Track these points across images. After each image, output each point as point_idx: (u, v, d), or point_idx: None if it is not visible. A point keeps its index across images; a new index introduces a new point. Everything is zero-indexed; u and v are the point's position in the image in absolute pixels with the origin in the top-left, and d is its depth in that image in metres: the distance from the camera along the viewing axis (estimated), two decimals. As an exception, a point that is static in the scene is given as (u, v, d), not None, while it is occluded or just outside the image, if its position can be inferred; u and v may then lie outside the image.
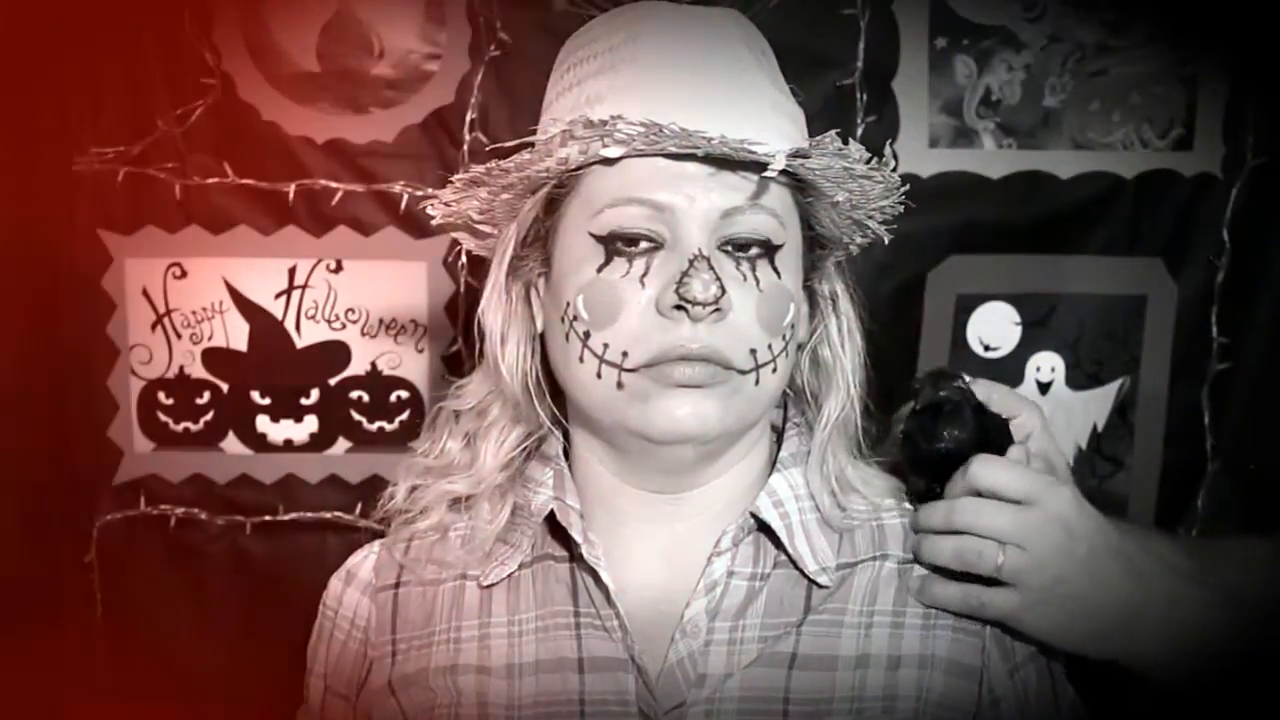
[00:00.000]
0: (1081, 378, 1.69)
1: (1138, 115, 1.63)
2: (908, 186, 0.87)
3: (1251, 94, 1.62)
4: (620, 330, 0.81)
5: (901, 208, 0.90)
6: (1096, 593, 0.82)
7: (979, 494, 0.85)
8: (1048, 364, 1.68)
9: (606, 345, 0.82)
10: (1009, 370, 1.67)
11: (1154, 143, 1.64)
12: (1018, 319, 1.67)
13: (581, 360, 0.83)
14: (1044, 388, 1.69)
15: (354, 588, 0.97)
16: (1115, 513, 0.95)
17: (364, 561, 0.98)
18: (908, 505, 0.93)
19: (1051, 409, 1.68)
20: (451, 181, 0.87)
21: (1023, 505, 0.83)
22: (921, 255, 1.63)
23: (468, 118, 1.58)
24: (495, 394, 0.94)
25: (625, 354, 0.81)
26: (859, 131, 1.59)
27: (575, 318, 0.83)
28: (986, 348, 1.66)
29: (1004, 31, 1.61)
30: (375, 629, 0.94)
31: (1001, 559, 0.82)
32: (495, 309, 0.91)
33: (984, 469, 0.84)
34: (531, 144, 0.82)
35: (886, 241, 0.95)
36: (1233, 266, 1.65)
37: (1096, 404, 1.70)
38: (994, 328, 1.67)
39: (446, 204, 0.90)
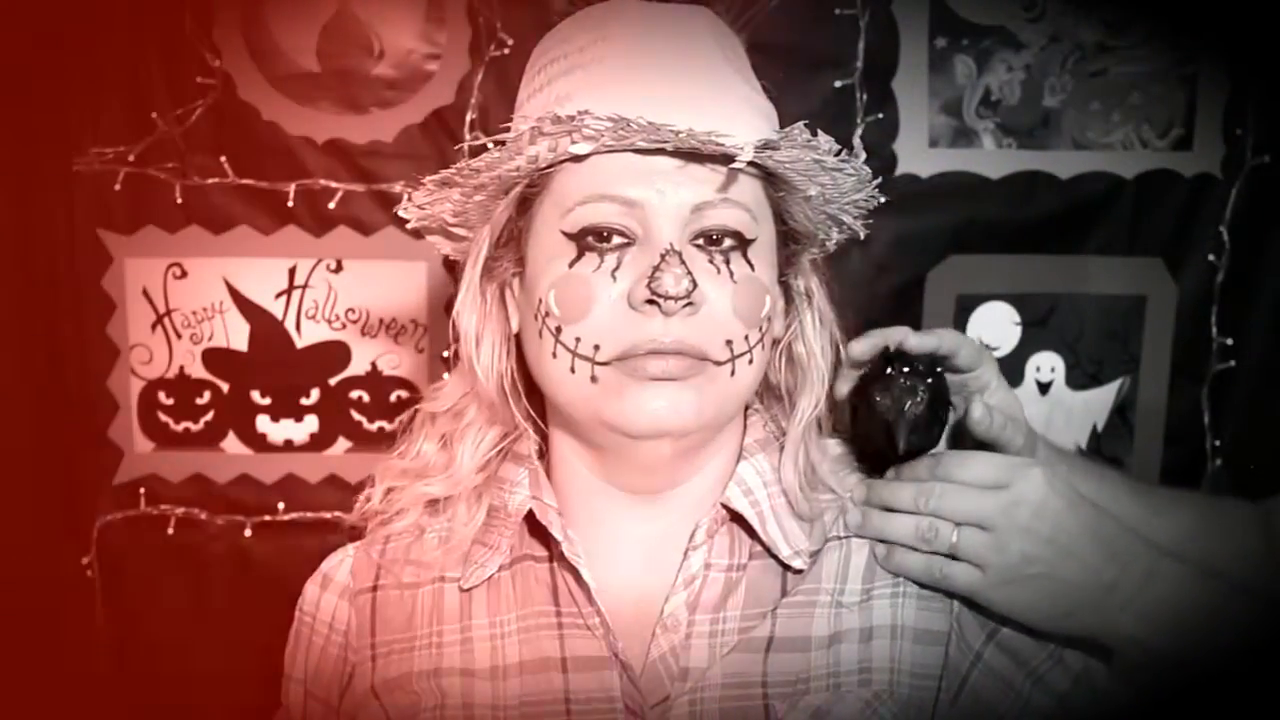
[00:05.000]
0: (1081, 378, 1.69)
1: (1138, 115, 1.63)
2: (880, 180, 0.88)
3: (1251, 94, 1.62)
4: (592, 324, 0.81)
5: (874, 202, 0.90)
6: (1066, 570, 0.82)
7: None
8: (1048, 364, 1.68)
9: (579, 339, 0.82)
10: (1009, 370, 1.66)
11: (1154, 143, 1.64)
12: (1018, 319, 1.67)
13: (555, 356, 0.83)
14: (1044, 388, 1.69)
15: (331, 591, 0.96)
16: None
17: (340, 565, 0.98)
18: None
19: (1051, 409, 1.69)
20: (423, 183, 0.87)
21: (989, 488, 0.84)
22: (921, 255, 1.63)
23: (468, 118, 1.58)
24: (471, 395, 0.94)
25: (597, 348, 0.81)
26: (859, 131, 1.60)
27: (547, 313, 0.83)
28: (986, 348, 1.66)
29: (1004, 31, 1.61)
30: (355, 633, 0.93)
31: (955, 538, 0.83)
32: (470, 310, 0.90)
33: (957, 466, 0.85)
34: (501, 143, 0.82)
35: (863, 236, 0.95)
36: (1233, 266, 1.65)
37: (1096, 404, 1.70)
38: (994, 328, 1.67)
39: (420, 206, 0.89)
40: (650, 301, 0.79)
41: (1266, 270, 1.66)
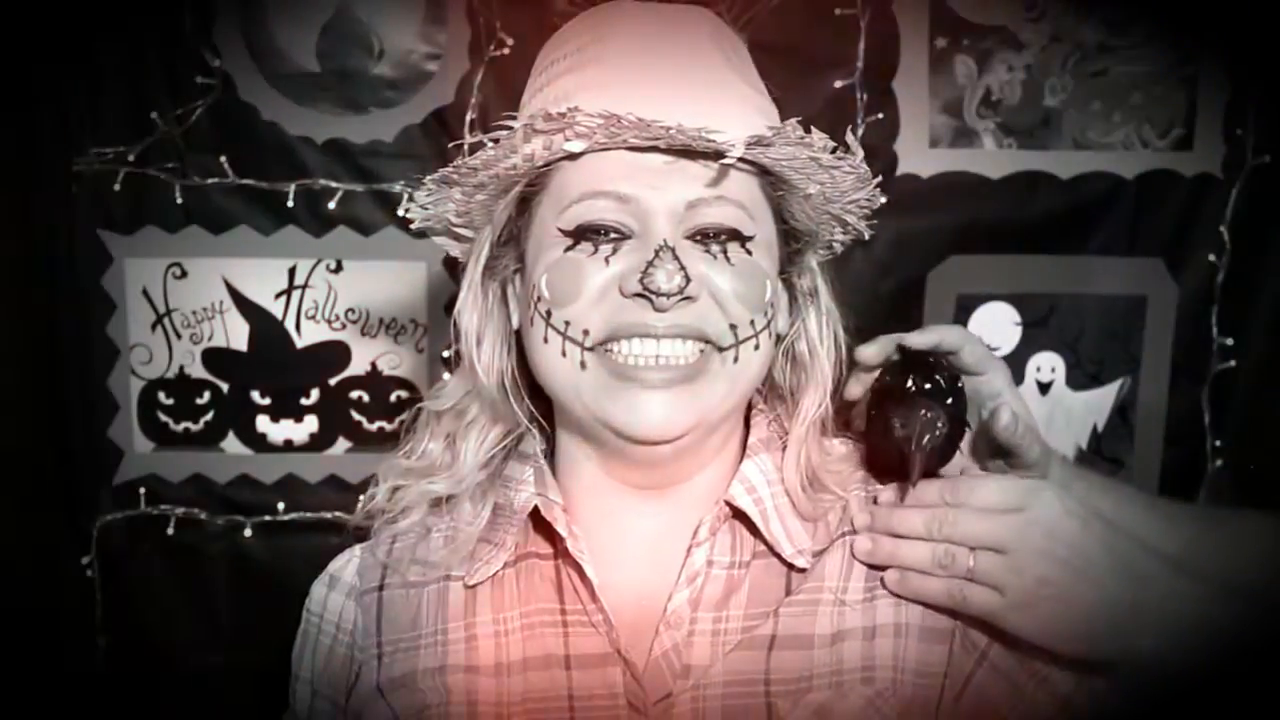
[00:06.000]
0: (1081, 378, 1.69)
1: (1138, 115, 1.64)
2: (880, 178, 0.87)
3: (1251, 94, 1.62)
4: (582, 308, 0.82)
5: (877, 202, 0.90)
6: (1085, 592, 0.81)
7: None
8: (1048, 364, 1.68)
9: (569, 323, 0.82)
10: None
11: (1154, 143, 1.64)
12: (1018, 319, 1.67)
13: (546, 340, 0.84)
14: (1044, 388, 1.69)
15: (338, 591, 0.96)
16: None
17: (346, 565, 0.98)
18: (875, 486, 0.92)
19: (1051, 409, 1.69)
20: (424, 183, 0.88)
21: (1002, 512, 0.83)
22: (921, 255, 1.63)
23: (468, 118, 1.58)
24: (473, 394, 0.94)
25: (586, 332, 0.82)
26: (859, 132, 1.60)
27: (539, 298, 0.84)
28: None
29: (1004, 31, 1.62)
30: (361, 632, 0.93)
31: (972, 562, 0.82)
32: (471, 308, 0.91)
33: (968, 492, 0.84)
34: (497, 140, 0.82)
35: (867, 236, 0.95)
36: (1233, 266, 1.65)
37: (1096, 404, 1.70)
38: (994, 328, 1.67)
39: (422, 206, 0.90)
40: (641, 295, 0.79)
41: (1267, 270, 1.66)
